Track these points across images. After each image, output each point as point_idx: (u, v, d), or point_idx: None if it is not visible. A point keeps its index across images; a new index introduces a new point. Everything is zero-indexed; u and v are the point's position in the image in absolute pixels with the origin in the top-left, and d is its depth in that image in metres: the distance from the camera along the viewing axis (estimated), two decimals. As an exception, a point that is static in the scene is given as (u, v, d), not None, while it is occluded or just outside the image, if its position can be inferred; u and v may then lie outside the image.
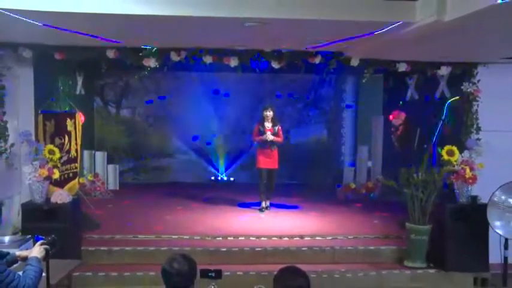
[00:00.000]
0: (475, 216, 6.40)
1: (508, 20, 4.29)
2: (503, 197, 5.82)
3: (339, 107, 11.92)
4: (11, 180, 6.82)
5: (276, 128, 8.59)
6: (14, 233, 6.05)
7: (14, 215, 6.71)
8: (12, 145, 6.62)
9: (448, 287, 5.13)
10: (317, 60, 6.99)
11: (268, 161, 8.57)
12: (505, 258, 5.97)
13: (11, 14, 4.56)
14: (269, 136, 8.44)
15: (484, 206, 6.02)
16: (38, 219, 6.02)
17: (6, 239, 5.33)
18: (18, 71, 6.92)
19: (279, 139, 8.61)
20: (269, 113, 8.57)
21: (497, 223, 5.85)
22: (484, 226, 6.22)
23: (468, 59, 6.97)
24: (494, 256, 6.33)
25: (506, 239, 5.93)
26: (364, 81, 8.15)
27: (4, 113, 6.52)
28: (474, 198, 6.60)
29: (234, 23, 4.78)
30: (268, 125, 8.55)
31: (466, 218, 6.54)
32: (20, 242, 5.20)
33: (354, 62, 7.07)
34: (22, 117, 6.99)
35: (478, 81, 7.02)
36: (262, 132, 8.53)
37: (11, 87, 6.68)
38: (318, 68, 8.25)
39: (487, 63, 7.04)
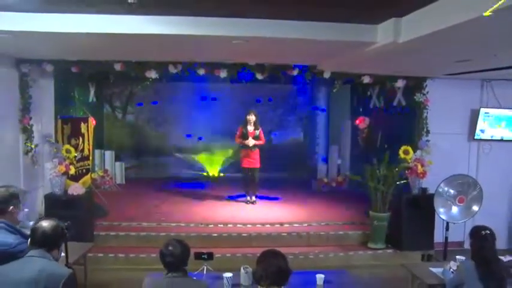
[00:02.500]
0: (424, 205, 6.56)
1: (450, 44, 4.41)
2: (446, 188, 5.91)
3: (314, 112, 11.97)
4: (35, 175, 6.88)
5: (258, 131, 8.41)
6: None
7: (38, 205, 6.76)
8: (36, 145, 6.68)
9: (402, 263, 5.29)
10: (294, 72, 6.98)
11: (250, 161, 8.43)
12: (446, 238, 6.14)
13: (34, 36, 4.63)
14: (251, 142, 8.29)
15: (432, 196, 6.13)
16: (57, 207, 6.08)
17: (31, 224, 5.38)
18: (41, 82, 6.97)
19: (261, 142, 8.44)
20: (252, 117, 8.38)
21: (441, 210, 5.95)
22: (431, 212, 6.37)
23: (419, 74, 7.06)
24: (438, 236, 6.52)
25: (448, 223, 6.08)
26: (334, 90, 8.20)
27: (30, 118, 6.59)
28: (424, 189, 6.77)
29: (223, 40, 4.78)
30: (250, 128, 8.39)
31: (417, 206, 6.70)
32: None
33: (326, 75, 7.07)
34: (44, 122, 7.04)
35: (427, 92, 7.10)
36: (245, 135, 8.38)
37: (36, 96, 6.74)
38: (296, 79, 8.34)
39: (433, 77, 7.13)
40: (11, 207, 3.21)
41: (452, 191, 5.92)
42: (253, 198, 8.72)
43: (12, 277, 2.62)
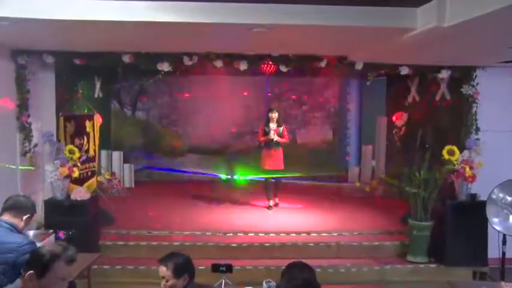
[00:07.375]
0: (474, 213, 6.36)
1: (504, 27, 4.30)
2: (501, 195, 5.74)
3: (344, 108, 11.94)
4: (34, 178, 6.90)
5: (281, 128, 8.52)
6: (38, 228, 6.14)
7: (37, 211, 6.78)
8: (35, 145, 6.73)
9: (448, 280, 5.16)
10: (322, 64, 6.92)
11: (273, 162, 8.47)
12: (503, 253, 5.91)
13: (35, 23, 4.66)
14: (272, 135, 8.37)
15: (483, 203, 5.96)
16: (59, 214, 6.12)
17: (31, 233, 5.38)
18: (41, 75, 7.02)
19: (284, 139, 8.55)
20: (274, 115, 8.51)
21: (495, 219, 5.77)
22: (483, 222, 6.15)
23: (467, 62, 6.94)
24: (493, 251, 6.31)
25: (504, 235, 5.85)
26: (368, 83, 8.16)
27: (28, 115, 6.64)
28: (473, 195, 6.61)
29: (242, 28, 4.80)
30: (273, 125, 8.48)
31: (465, 215, 6.55)
32: (43, 236, 5.29)
33: (358, 66, 7.03)
34: (45, 119, 7.08)
35: (477, 84, 7.01)
36: (267, 133, 8.46)
37: (35, 91, 6.79)
38: (324, 72, 8.31)
39: (485, 66, 7.02)
40: (27, 215, 3.48)
41: (509, 198, 5.74)
42: (276, 200, 8.86)
43: None
